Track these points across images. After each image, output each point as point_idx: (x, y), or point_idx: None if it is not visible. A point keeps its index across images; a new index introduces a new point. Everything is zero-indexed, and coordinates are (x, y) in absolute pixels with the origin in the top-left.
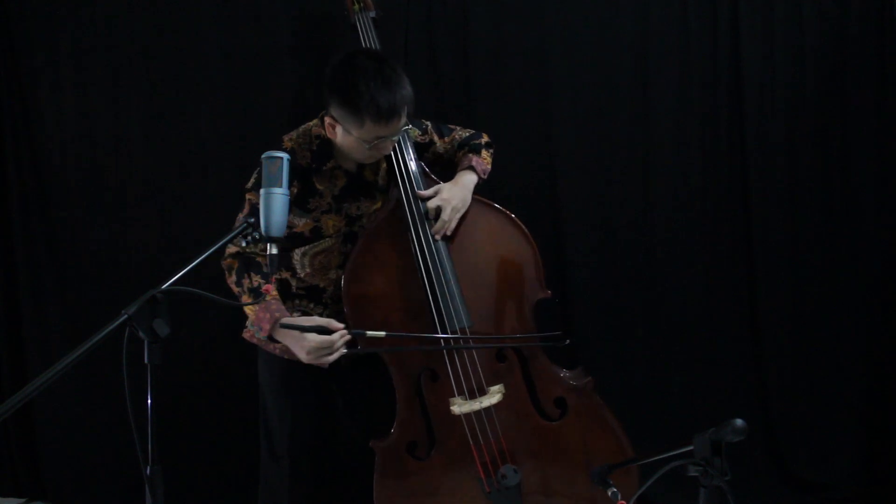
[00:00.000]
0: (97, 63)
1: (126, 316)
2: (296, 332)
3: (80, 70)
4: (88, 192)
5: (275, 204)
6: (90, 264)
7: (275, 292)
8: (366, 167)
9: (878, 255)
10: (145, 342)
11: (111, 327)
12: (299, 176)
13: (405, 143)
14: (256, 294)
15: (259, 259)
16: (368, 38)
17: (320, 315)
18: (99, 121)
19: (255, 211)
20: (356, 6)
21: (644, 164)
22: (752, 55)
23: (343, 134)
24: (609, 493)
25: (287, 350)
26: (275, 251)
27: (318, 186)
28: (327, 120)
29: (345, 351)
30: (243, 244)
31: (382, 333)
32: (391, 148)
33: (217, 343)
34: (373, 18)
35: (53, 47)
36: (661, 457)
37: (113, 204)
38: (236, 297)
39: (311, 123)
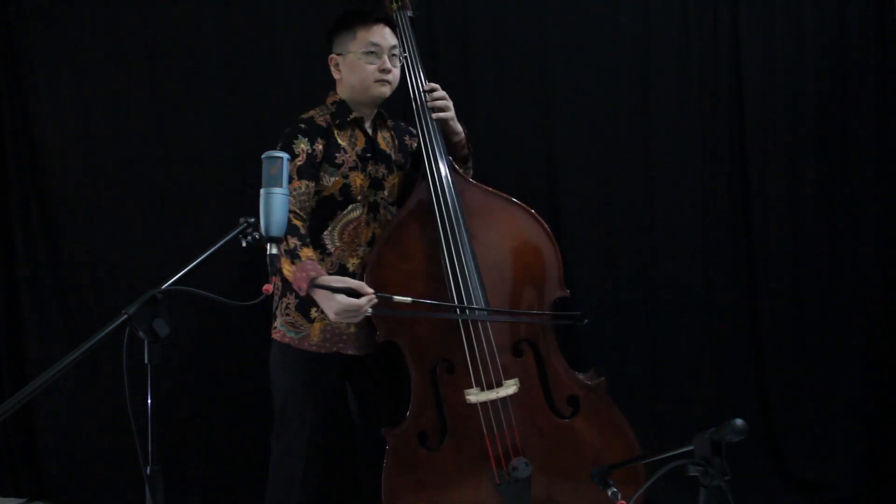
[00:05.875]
0: (97, 63)
1: (126, 316)
2: (327, 293)
3: (80, 70)
4: (88, 192)
5: (275, 204)
6: (90, 264)
7: (310, 252)
8: (378, 135)
9: (878, 256)
10: (145, 342)
11: (111, 327)
12: (322, 134)
13: (435, 139)
14: (293, 256)
15: (296, 223)
16: (405, 37)
17: None
18: (99, 121)
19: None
20: (395, 4)
21: (644, 164)
22: (752, 55)
23: (342, 62)
24: (609, 493)
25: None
26: (275, 251)
27: (341, 142)
28: (331, 60)
29: (370, 312)
30: (243, 244)
31: (409, 299)
32: (392, 70)
33: (217, 343)
34: (410, 18)
35: (53, 48)
36: (661, 457)
37: (113, 204)
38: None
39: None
